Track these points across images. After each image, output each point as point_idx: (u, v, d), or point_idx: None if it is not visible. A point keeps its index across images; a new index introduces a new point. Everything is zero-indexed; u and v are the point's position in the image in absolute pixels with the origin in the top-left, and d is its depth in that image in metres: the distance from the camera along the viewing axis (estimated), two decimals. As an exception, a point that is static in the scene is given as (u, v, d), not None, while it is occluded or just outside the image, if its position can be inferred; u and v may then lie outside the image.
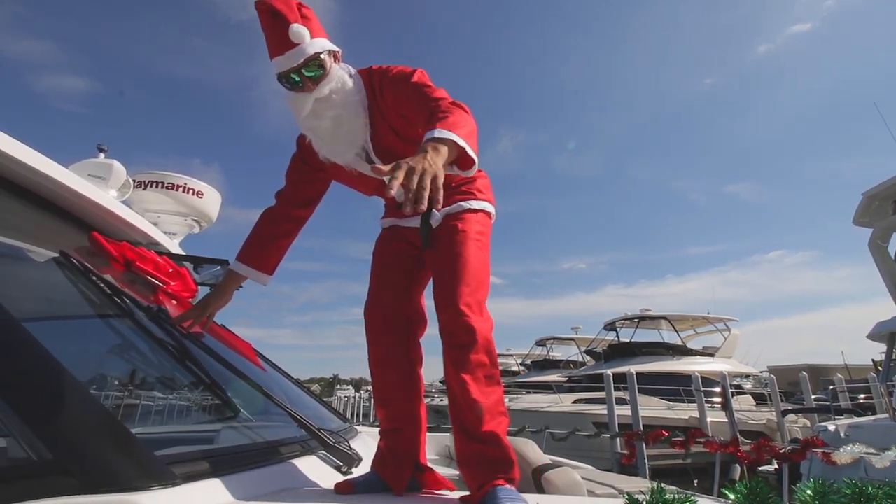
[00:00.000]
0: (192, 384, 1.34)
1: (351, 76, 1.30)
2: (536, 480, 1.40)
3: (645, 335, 17.83)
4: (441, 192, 0.88)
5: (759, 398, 14.43)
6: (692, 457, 7.32)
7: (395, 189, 0.83)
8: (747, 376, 17.61)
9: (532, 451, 1.59)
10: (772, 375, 13.39)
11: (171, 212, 2.59)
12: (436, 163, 0.90)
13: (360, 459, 1.30)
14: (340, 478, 1.23)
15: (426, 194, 0.84)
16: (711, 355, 16.18)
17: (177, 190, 2.55)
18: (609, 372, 11.43)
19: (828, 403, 11.95)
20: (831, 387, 13.13)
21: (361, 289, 1.38)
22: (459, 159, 1.02)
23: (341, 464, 1.27)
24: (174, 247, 2.25)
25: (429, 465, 1.25)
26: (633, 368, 11.66)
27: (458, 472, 1.76)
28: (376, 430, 2.71)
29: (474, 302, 1.15)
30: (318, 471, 1.18)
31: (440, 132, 0.98)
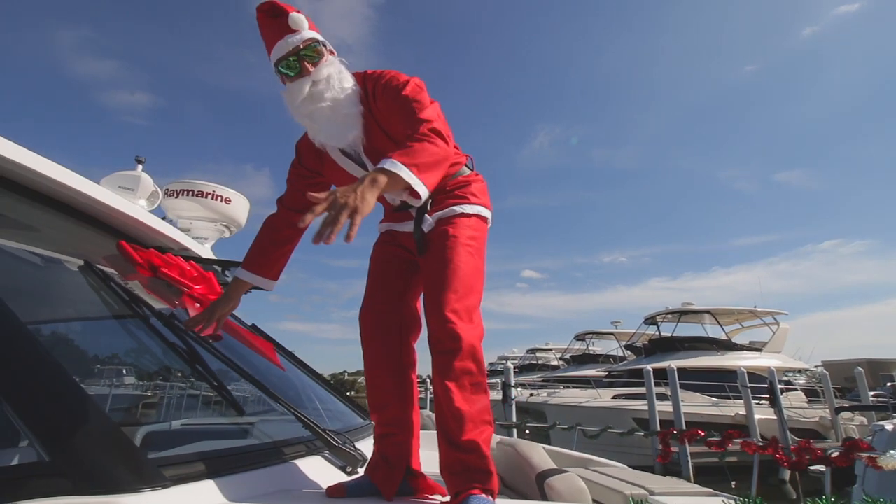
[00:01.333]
0: (199, 386, 1.41)
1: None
2: (539, 486, 1.39)
3: (687, 329, 17.21)
4: (356, 229, 0.94)
5: (813, 395, 13.67)
6: (738, 455, 7.05)
7: (308, 221, 0.91)
8: (799, 371, 16.70)
9: (537, 456, 1.57)
10: (825, 371, 12.62)
11: (202, 218, 2.73)
12: (364, 199, 0.96)
13: (365, 460, 1.33)
14: (344, 478, 1.26)
15: (337, 229, 0.90)
16: (759, 350, 15.42)
17: (206, 197, 2.69)
18: (649, 367, 11.13)
19: (887, 400, 11.16)
20: (889, 383, 12.26)
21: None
22: (410, 190, 1.07)
23: (346, 464, 1.30)
24: (205, 251, 2.36)
25: (422, 470, 1.26)
26: (675, 363, 11.30)
27: None
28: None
29: (462, 308, 1.15)
30: (320, 471, 1.21)
31: (392, 164, 1.04)
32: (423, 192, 1.08)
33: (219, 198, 2.74)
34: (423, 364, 1.37)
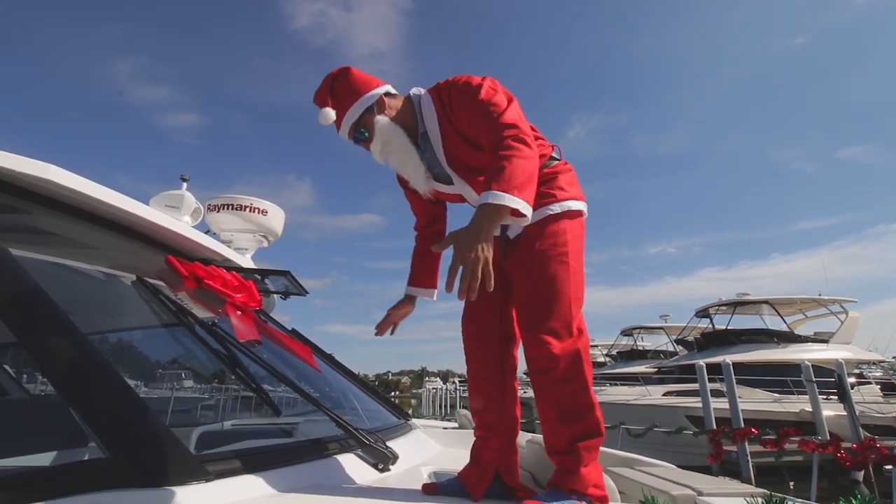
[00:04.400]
0: (240, 388, 1.50)
1: (419, 98, 1.37)
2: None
3: (744, 322, 16.35)
4: (492, 277, 1.00)
5: (890, 389, 12.64)
6: (804, 454, 6.67)
7: (453, 288, 0.99)
8: (874, 363, 15.48)
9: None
10: (903, 363, 11.64)
11: (242, 230, 2.90)
12: (486, 250, 1.01)
13: (395, 458, 1.37)
14: (376, 475, 1.31)
15: (475, 284, 0.97)
16: (825, 341, 14.43)
17: (244, 210, 2.85)
18: (702, 362, 10.66)
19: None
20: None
21: (442, 284, 1.45)
22: (516, 213, 1.09)
23: (377, 462, 1.35)
24: (245, 261, 2.50)
25: (518, 474, 1.28)
26: (730, 357, 10.76)
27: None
28: (446, 423, 2.80)
29: (560, 326, 1.15)
30: (352, 468, 1.27)
31: (494, 197, 1.05)
32: (529, 213, 1.10)
33: (256, 210, 2.89)
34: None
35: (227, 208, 2.82)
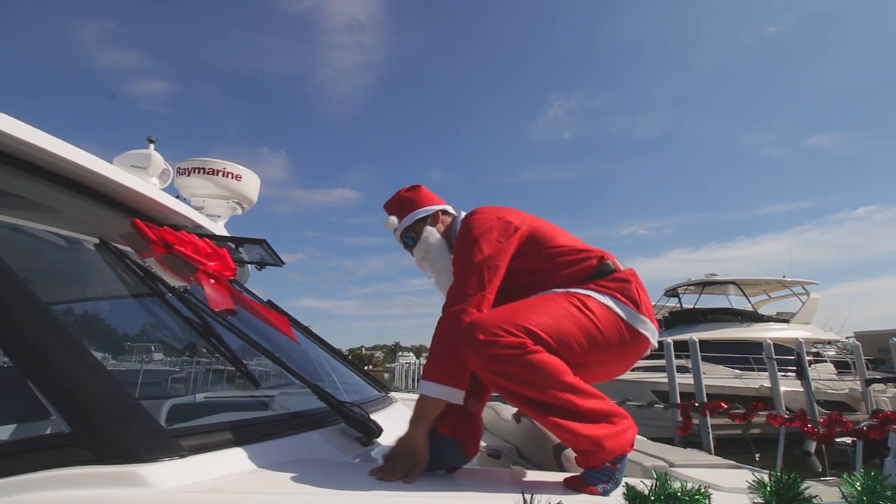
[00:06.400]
0: (214, 359, 1.42)
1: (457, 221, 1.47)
2: (557, 458, 1.38)
3: (711, 301, 16.93)
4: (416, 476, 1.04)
5: (844, 367, 13.39)
6: (762, 427, 7.02)
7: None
8: (829, 343, 16.33)
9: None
10: (857, 342, 12.29)
11: (214, 195, 2.73)
12: (419, 461, 1.07)
13: (380, 431, 1.33)
14: (359, 448, 1.27)
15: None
16: (787, 321, 15.11)
17: (217, 175, 2.68)
18: (669, 339, 11.01)
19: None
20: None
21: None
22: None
23: (361, 435, 1.31)
24: (218, 229, 2.38)
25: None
26: (696, 335, 11.16)
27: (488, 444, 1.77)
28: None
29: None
30: (336, 442, 1.22)
31: (426, 388, 1.12)
32: (454, 396, 1.12)
33: (230, 175, 2.72)
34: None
35: (199, 172, 2.65)
